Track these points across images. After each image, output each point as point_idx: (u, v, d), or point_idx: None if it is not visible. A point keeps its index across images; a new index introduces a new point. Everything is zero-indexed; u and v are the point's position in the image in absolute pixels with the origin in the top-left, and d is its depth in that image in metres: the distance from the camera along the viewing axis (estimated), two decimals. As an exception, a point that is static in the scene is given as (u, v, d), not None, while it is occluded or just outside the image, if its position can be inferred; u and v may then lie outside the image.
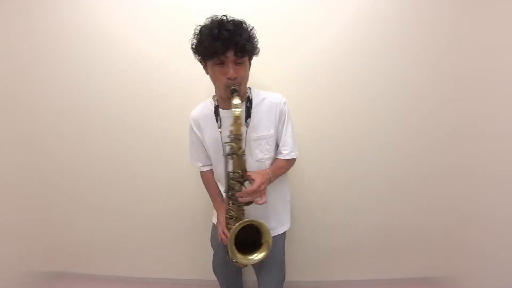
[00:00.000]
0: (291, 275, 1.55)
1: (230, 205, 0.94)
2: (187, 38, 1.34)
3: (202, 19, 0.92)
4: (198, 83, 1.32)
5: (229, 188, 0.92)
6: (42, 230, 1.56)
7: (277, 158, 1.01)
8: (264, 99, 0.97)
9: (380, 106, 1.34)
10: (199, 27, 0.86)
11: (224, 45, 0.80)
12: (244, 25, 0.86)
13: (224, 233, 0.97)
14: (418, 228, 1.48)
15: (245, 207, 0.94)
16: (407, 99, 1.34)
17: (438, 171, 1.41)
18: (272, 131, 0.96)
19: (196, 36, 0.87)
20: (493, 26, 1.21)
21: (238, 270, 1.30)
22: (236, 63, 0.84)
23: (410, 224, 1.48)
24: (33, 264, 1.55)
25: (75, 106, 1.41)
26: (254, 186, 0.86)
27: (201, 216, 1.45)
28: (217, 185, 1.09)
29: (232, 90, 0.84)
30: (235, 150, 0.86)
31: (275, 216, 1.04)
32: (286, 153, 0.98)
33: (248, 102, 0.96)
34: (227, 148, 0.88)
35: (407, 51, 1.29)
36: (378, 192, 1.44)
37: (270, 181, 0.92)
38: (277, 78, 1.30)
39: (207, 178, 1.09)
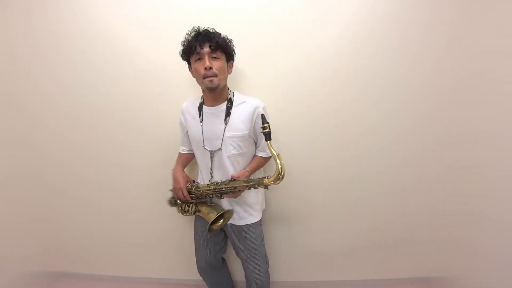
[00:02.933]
0: (289, 275, 1.56)
1: (209, 193, 1.09)
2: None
3: (202, 19, 0.96)
4: (197, 84, 1.32)
5: (222, 189, 1.06)
6: (42, 230, 1.56)
7: (256, 155, 1.16)
8: (243, 102, 1.09)
9: (379, 106, 1.34)
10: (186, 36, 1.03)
11: (201, 40, 0.97)
12: (221, 33, 1.02)
13: (185, 196, 1.12)
14: (417, 228, 1.48)
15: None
16: (406, 100, 1.34)
17: (437, 171, 1.41)
18: (246, 131, 1.07)
19: (183, 42, 1.03)
20: (493, 26, 1.21)
21: (226, 269, 1.41)
22: (212, 58, 0.99)
23: (410, 224, 1.48)
24: (33, 264, 1.55)
25: (75, 106, 1.41)
26: (237, 193, 1.06)
27: (201, 216, 1.45)
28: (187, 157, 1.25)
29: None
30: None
31: (244, 207, 1.15)
32: (264, 154, 1.15)
33: (229, 103, 1.08)
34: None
35: (407, 51, 1.29)
36: (377, 192, 1.44)
37: (248, 177, 1.09)
38: (276, 78, 1.30)
39: (185, 156, 1.25)
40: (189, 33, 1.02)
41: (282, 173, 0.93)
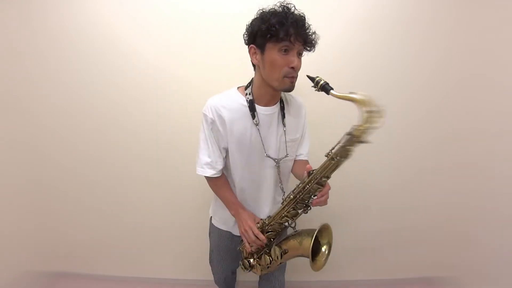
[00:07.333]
0: (291, 275, 1.55)
1: (289, 211, 0.85)
2: (187, 39, 1.34)
3: (202, 20, 0.89)
4: (197, 84, 1.32)
5: (304, 192, 0.83)
6: (42, 230, 1.56)
7: (302, 160, 0.95)
8: (291, 99, 0.92)
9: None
10: (259, 11, 0.77)
11: (297, 33, 0.72)
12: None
13: (257, 236, 0.85)
14: (418, 228, 1.48)
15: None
16: (407, 99, 1.34)
17: (439, 171, 1.41)
18: (299, 134, 0.92)
19: (257, 18, 0.77)
20: (493, 26, 1.21)
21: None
22: (299, 55, 0.78)
23: (411, 224, 1.48)
24: (33, 264, 1.54)
25: (75, 106, 1.41)
26: (327, 186, 0.80)
27: (200, 216, 1.44)
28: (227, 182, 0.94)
29: (322, 86, 0.78)
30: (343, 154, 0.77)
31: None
32: (305, 153, 0.96)
33: (282, 102, 0.88)
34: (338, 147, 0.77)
35: (407, 51, 1.29)
36: (378, 192, 1.44)
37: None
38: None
39: (223, 182, 0.92)
40: (273, 10, 0.74)
41: (371, 106, 0.69)
